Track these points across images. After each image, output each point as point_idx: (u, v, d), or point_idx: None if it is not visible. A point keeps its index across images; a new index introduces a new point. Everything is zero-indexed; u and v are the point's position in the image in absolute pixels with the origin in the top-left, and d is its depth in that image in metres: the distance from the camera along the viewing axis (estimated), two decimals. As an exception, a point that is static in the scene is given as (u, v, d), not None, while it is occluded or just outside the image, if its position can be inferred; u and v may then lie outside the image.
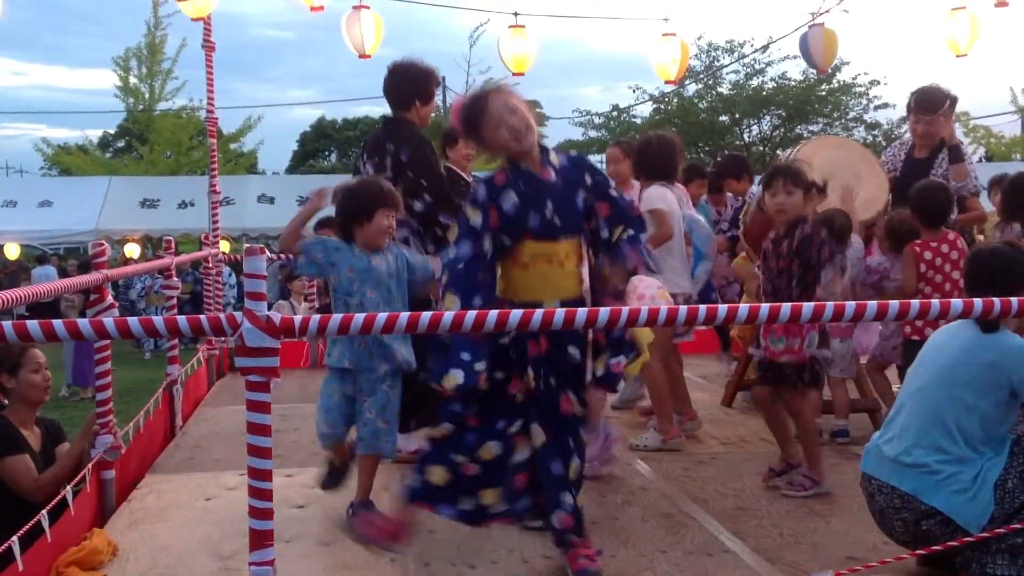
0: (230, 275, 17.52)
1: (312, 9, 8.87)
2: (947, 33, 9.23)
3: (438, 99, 29.39)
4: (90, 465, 4.49)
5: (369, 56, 9.22)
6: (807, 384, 4.73)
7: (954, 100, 6.37)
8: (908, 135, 6.70)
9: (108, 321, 2.83)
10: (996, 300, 3.01)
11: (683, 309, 3.11)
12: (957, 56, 9.23)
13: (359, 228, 4.31)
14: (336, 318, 2.94)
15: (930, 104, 6.31)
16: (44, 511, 3.74)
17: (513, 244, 3.62)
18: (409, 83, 5.41)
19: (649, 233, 4.19)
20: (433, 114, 5.59)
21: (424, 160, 5.26)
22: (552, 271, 3.63)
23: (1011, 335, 3.53)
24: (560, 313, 2.94)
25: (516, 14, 10.07)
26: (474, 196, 3.68)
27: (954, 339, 3.64)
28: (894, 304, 3.04)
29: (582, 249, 3.74)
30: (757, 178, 7.07)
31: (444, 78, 30.20)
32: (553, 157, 3.71)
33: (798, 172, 4.81)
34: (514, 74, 10.15)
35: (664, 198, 5.67)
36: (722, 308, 3.12)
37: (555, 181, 3.65)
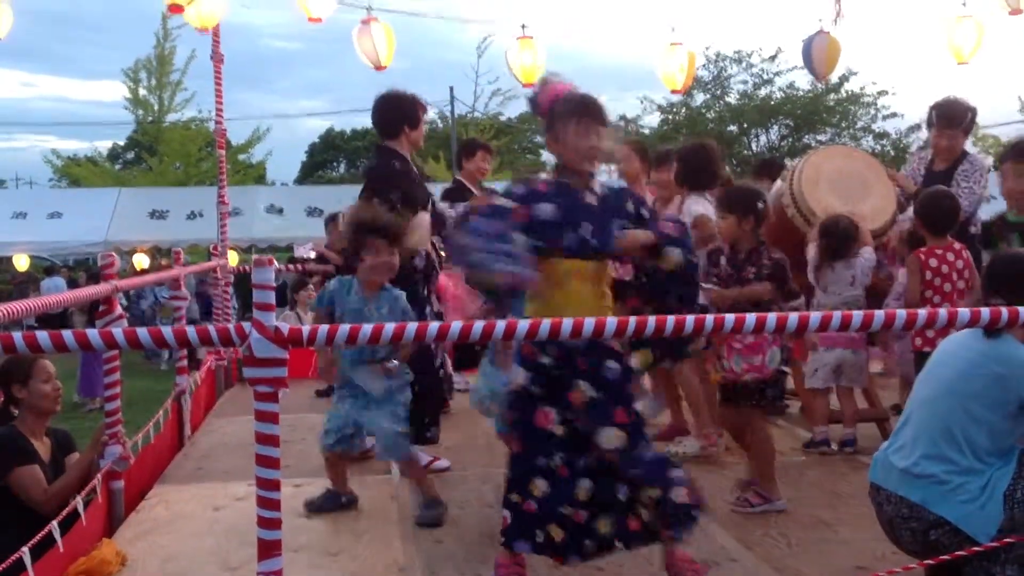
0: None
1: (310, 20, 8.88)
2: (951, 40, 9.24)
3: (445, 110, 29.58)
4: (99, 475, 4.51)
5: (385, 67, 9.21)
6: (769, 400, 4.73)
7: (974, 113, 6.33)
8: (915, 147, 6.70)
9: (117, 332, 2.85)
10: (1004, 309, 3.01)
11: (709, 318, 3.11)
12: (959, 63, 9.23)
13: (359, 263, 4.53)
14: (344, 328, 2.96)
15: (953, 118, 6.27)
16: (54, 521, 3.76)
17: (543, 258, 3.59)
18: (393, 112, 5.58)
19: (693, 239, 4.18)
20: (442, 125, 5.76)
21: (385, 187, 5.36)
22: (585, 289, 3.65)
23: (1020, 346, 3.51)
24: (612, 322, 3.02)
25: (524, 26, 10.09)
26: (510, 190, 3.72)
27: (963, 348, 3.63)
28: (901, 313, 3.04)
29: (609, 271, 3.77)
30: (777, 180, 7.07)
31: (452, 88, 30.29)
32: (596, 184, 3.75)
33: (729, 197, 4.82)
34: (524, 85, 10.19)
35: (704, 207, 5.64)
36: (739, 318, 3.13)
37: (595, 205, 3.68)
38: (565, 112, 3.66)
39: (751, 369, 4.62)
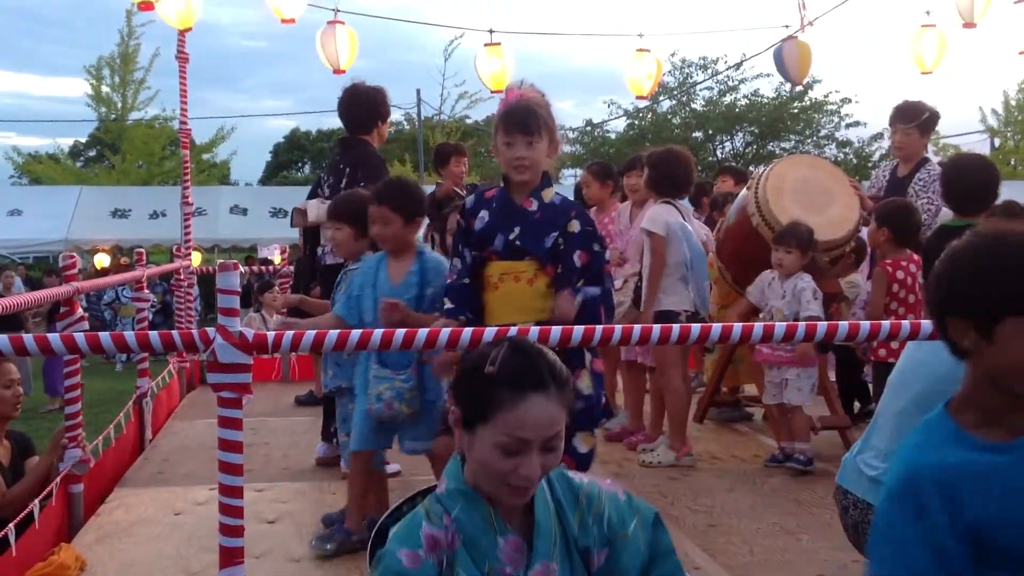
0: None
1: (283, 21, 8.87)
2: (915, 50, 9.39)
3: (412, 112, 29.47)
4: (58, 479, 4.45)
5: (343, 71, 9.26)
6: None
7: (934, 114, 6.37)
8: (877, 156, 6.77)
9: (79, 336, 2.82)
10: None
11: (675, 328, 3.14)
12: (922, 73, 9.39)
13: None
14: (310, 335, 2.94)
15: (906, 113, 6.34)
16: (11, 525, 3.71)
17: (481, 264, 3.77)
18: (366, 107, 5.65)
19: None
20: (409, 127, 5.76)
21: (380, 177, 5.34)
22: (520, 289, 3.72)
23: None
24: (534, 332, 3.01)
25: (491, 31, 10.10)
26: (465, 206, 3.91)
27: (934, 358, 3.64)
28: (865, 325, 3.07)
29: (550, 273, 3.76)
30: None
31: (419, 91, 30.23)
32: (546, 192, 3.80)
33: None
34: (492, 91, 10.23)
35: (665, 223, 5.53)
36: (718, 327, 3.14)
37: (533, 211, 3.74)
38: (496, 122, 3.80)
39: None
